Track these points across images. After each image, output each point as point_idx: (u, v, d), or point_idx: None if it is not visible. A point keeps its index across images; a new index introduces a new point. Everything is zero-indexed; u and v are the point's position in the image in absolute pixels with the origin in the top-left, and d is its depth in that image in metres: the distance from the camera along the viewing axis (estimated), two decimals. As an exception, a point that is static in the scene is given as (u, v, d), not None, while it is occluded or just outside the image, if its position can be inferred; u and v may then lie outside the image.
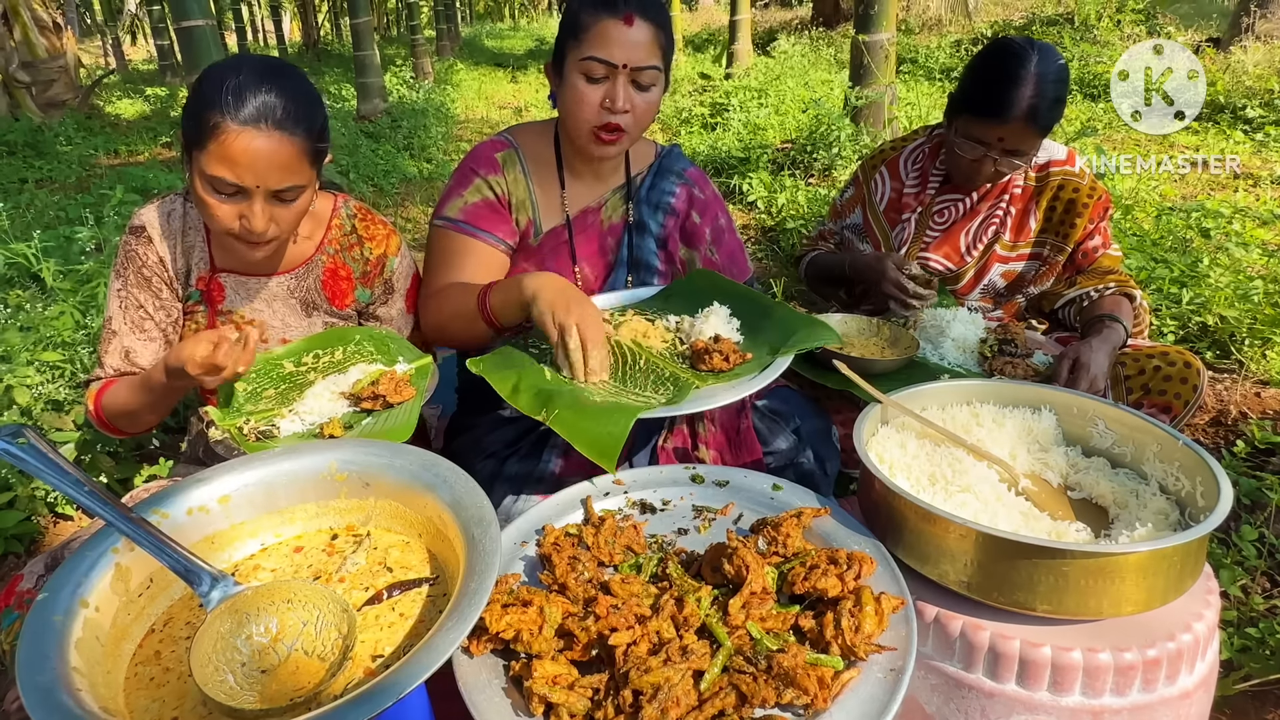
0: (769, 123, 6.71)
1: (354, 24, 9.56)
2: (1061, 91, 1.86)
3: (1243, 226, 3.57)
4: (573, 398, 1.36)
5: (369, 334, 1.64)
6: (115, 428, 1.56)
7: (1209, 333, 2.93)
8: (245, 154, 1.32)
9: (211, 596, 0.92)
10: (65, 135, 8.32)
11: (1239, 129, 5.99)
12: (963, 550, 1.05)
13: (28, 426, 0.94)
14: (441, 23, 18.13)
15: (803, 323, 1.58)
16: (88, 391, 1.57)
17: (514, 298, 1.51)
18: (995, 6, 12.81)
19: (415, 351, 1.59)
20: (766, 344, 1.55)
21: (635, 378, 1.49)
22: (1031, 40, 1.89)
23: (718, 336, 1.53)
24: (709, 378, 1.47)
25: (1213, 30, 8.97)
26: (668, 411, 1.35)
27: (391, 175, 6.74)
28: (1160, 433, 1.24)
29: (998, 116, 1.86)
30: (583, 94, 1.60)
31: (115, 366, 1.55)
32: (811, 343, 1.51)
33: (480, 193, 1.75)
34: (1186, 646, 1.03)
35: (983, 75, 1.90)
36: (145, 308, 1.56)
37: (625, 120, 1.62)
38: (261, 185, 1.36)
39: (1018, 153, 1.92)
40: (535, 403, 1.35)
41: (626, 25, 1.57)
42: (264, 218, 1.39)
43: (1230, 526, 1.98)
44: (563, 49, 1.64)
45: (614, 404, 1.37)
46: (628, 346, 1.57)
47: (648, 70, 1.60)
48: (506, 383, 1.42)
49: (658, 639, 0.95)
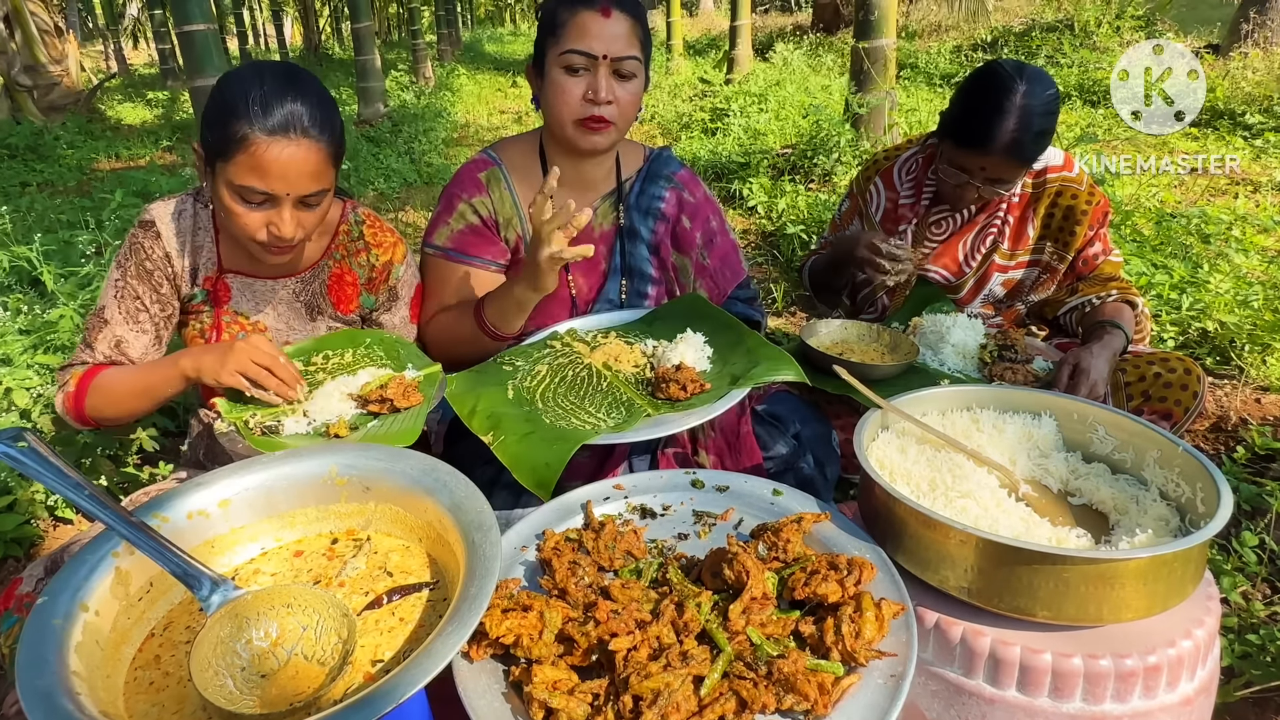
0: (769, 128, 6.72)
1: (355, 28, 9.58)
2: (1048, 124, 1.84)
3: (1243, 232, 3.58)
4: (524, 419, 1.39)
5: (380, 338, 1.65)
6: (87, 416, 1.53)
7: (1209, 339, 2.93)
8: (276, 163, 1.34)
9: (211, 601, 0.92)
10: (66, 139, 8.34)
11: (1239, 135, 6.00)
12: (963, 556, 1.05)
13: (28, 429, 0.94)
14: (442, 27, 18.19)
15: (768, 355, 1.57)
16: (70, 373, 1.54)
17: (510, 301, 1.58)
18: (996, 12, 12.84)
19: (425, 359, 1.61)
20: (730, 374, 1.56)
21: (594, 398, 1.51)
22: (1022, 67, 1.86)
23: (680, 365, 1.54)
24: (664, 405, 1.48)
25: (1212, 36, 8.99)
26: (611, 439, 1.37)
27: (392, 180, 6.75)
28: (1160, 439, 1.24)
29: (979, 147, 1.85)
30: (565, 87, 1.61)
31: (105, 354, 1.55)
32: (768, 377, 1.51)
33: (464, 219, 1.76)
34: (1187, 653, 1.03)
35: (968, 103, 1.89)
36: (142, 299, 1.56)
37: (609, 111, 1.63)
38: (291, 193, 1.38)
39: (1000, 181, 1.91)
40: (486, 425, 1.39)
41: (604, 17, 1.58)
42: (293, 224, 1.41)
43: (1231, 533, 1.98)
44: (542, 49, 1.66)
45: (560, 429, 1.39)
46: (598, 368, 1.58)
47: (628, 60, 1.61)
48: (466, 405, 1.45)
49: (658, 644, 0.95)
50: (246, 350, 1.41)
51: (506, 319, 1.59)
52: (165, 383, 1.49)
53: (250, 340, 1.44)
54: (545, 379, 1.55)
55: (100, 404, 1.52)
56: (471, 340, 1.63)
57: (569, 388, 1.53)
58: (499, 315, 1.58)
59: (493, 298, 1.59)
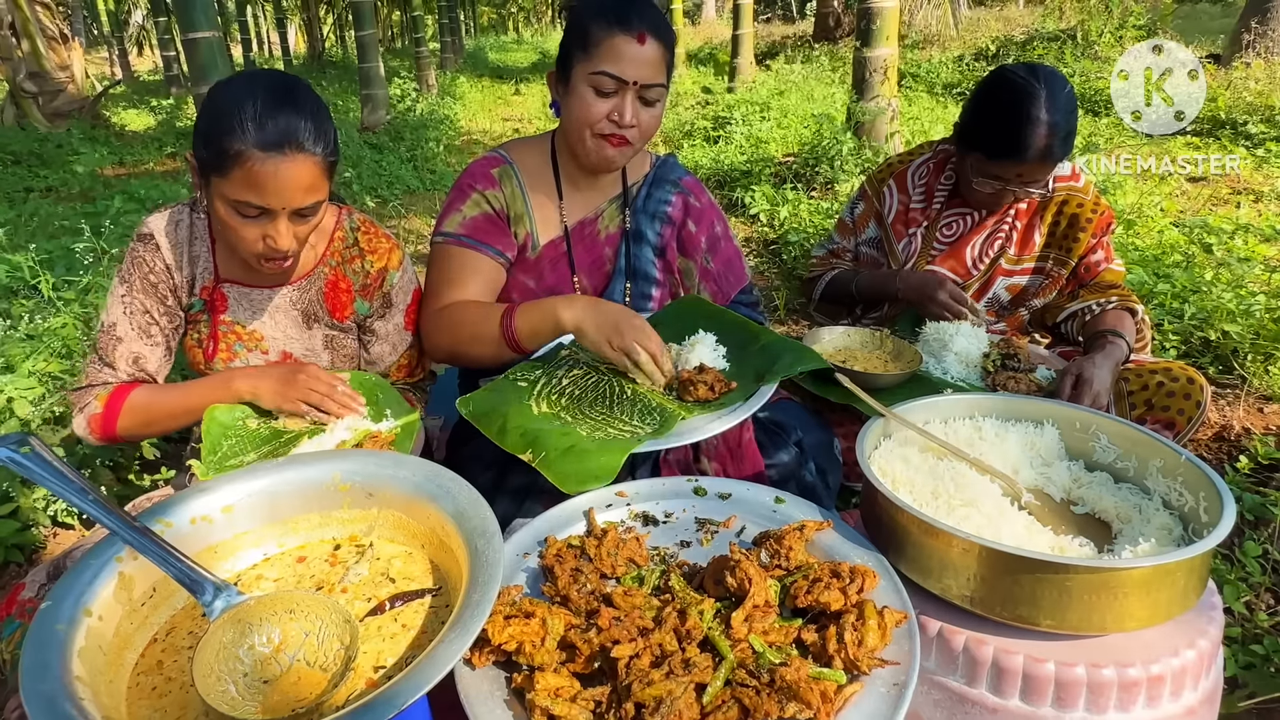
0: (771, 136, 6.74)
1: (359, 36, 9.62)
2: (1073, 121, 1.87)
3: (1245, 242, 3.58)
4: (560, 434, 1.37)
5: (359, 380, 1.65)
6: (118, 435, 1.53)
7: (1212, 348, 2.93)
8: (272, 179, 1.34)
9: (214, 606, 0.92)
10: (70, 145, 8.36)
11: (1240, 145, 6.01)
12: (966, 565, 1.05)
13: (32, 435, 0.95)
14: (445, 35, 18.27)
15: (788, 348, 1.58)
16: (92, 393, 1.53)
17: (548, 326, 1.55)
18: (996, 22, 12.88)
19: (403, 405, 1.62)
20: (752, 370, 1.55)
21: (623, 406, 1.49)
22: (1036, 71, 1.87)
23: (702, 366, 1.54)
24: (695, 408, 1.48)
25: (1213, 47, 9.01)
26: (655, 445, 1.36)
27: (394, 186, 6.77)
28: (1163, 448, 1.24)
29: (1015, 158, 1.86)
30: (591, 106, 1.62)
31: (128, 372, 1.55)
32: (796, 368, 1.52)
33: (479, 206, 1.76)
34: (1190, 663, 1.03)
35: (994, 117, 1.89)
36: (151, 314, 1.57)
37: (631, 134, 1.64)
38: (287, 206, 1.38)
39: (1035, 182, 1.93)
40: (521, 442, 1.36)
41: (639, 44, 1.59)
42: (288, 236, 1.42)
43: (1234, 542, 1.98)
44: (569, 58, 1.65)
45: (599, 439, 1.37)
46: (612, 377, 1.58)
47: (655, 87, 1.63)
48: (493, 424, 1.43)
49: (660, 652, 0.95)
50: (307, 381, 1.51)
51: (538, 339, 1.59)
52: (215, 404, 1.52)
53: (309, 371, 1.53)
54: (568, 392, 1.54)
55: (134, 424, 1.53)
56: (493, 344, 1.62)
57: (595, 398, 1.52)
58: (531, 334, 1.58)
59: (526, 314, 1.58)
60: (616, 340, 1.49)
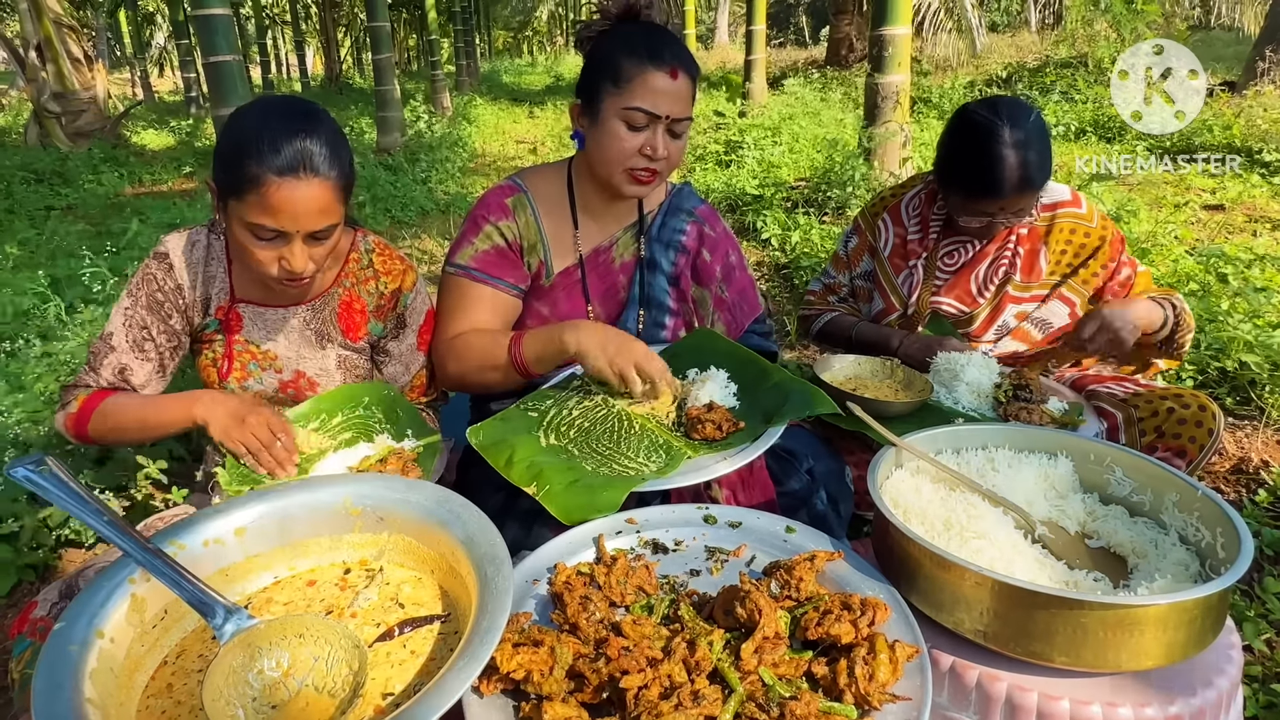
0: (783, 161, 6.77)
1: (376, 59, 9.76)
2: (1044, 145, 1.86)
3: (1262, 270, 3.56)
4: (565, 468, 1.38)
5: (378, 398, 1.67)
6: (89, 435, 1.56)
7: (1229, 378, 2.91)
8: (287, 203, 1.37)
9: (225, 629, 0.92)
10: (91, 164, 8.50)
11: (1256, 172, 5.99)
12: (979, 598, 1.04)
13: (50, 455, 0.96)
14: (461, 58, 18.50)
15: (798, 388, 1.56)
16: (74, 394, 1.57)
17: (553, 350, 1.58)
18: (1009, 48, 12.94)
19: (422, 424, 1.63)
20: (761, 410, 1.55)
21: (629, 442, 1.50)
22: (996, 106, 1.88)
23: (712, 404, 1.54)
24: (701, 447, 1.48)
25: (1228, 74, 9.02)
26: (658, 484, 1.36)
27: (409, 208, 6.83)
28: (1179, 481, 1.23)
29: (992, 196, 1.87)
30: (623, 138, 1.64)
31: (109, 379, 1.58)
32: (804, 412, 1.51)
33: (490, 239, 1.77)
34: (1209, 703, 1.01)
35: (963, 159, 1.90)
36: (149, 330, 1.59)
37: (661, 165, 1.67)
38: (302, 229, 1.41)
39: (1021, 211, 1.93)
40: (527, 475, 1.37)
41: (672, 79, 1.61)
42: (303, 258, 1.45)
43: (1253, 578, 1.95)
44: (597, 91, 1.66)
45: (603, 475, 1.38)
46: (621, 410, 1.58)
47: (684, 121, 1.66)
48: (501, 456, 1.44)
49: (669, 683, 0.94)
50: (253, 426, 1.48)
51: (544, 363, 1.61)
52: (174, 423, 1.54)
53: (263, 415, 1.50)
54: (577, 425, 1.55)
55: (103, 428, 1.56)
56: (503, 370, 1.64)
57: (603, 431, 1.52)
58: (537, 359, 1.60)
59: (533, 340, 1.60)
60: (618, 363, 1.51)
